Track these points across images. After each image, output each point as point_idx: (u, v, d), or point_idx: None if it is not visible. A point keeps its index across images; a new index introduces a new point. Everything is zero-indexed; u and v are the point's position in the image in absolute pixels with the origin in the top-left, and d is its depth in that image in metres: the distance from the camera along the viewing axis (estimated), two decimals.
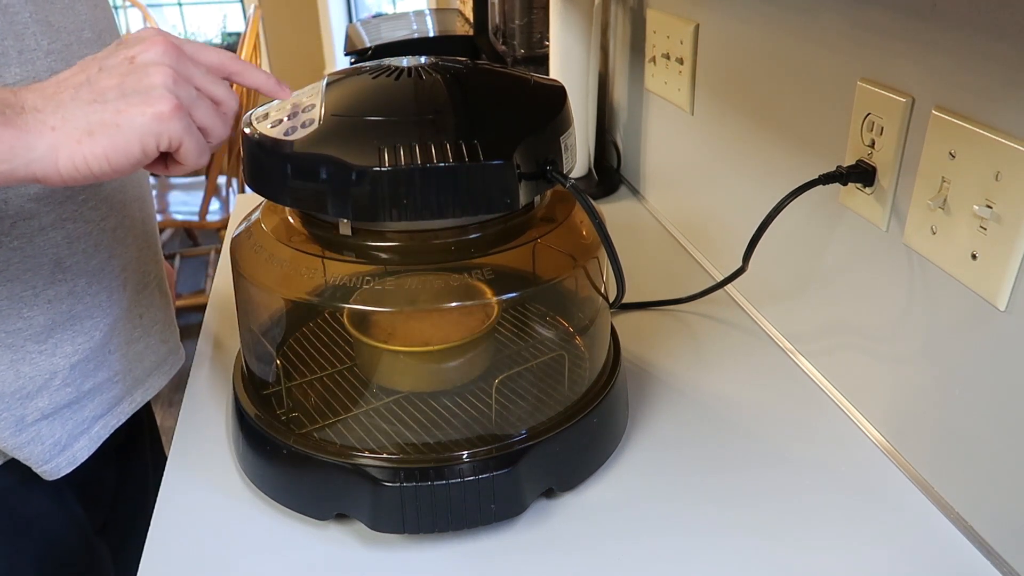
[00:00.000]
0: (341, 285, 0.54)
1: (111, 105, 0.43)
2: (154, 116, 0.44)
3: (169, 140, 0.45)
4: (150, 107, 0.43)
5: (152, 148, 0.44)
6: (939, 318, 0.55)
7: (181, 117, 0.44)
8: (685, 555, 0.53)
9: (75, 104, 0.43)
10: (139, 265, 0.67)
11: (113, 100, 0.43)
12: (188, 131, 0.45)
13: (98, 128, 0.43)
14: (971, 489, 0.54)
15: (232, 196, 2.58)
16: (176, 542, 0.55)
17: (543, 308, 0.67)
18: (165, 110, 0.44)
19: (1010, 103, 0.46)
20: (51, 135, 0.43)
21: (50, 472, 0.61)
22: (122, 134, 0.43)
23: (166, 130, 0.44)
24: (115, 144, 0.43)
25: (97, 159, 0.43)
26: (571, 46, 1.01)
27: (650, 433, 0.64)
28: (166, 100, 0.44)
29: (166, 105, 0.44)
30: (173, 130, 0.44)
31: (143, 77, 0.44)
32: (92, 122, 0.43)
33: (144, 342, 0.69)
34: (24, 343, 0.58)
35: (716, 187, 0.86)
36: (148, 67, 0.44)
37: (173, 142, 0.45)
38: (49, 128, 0.43)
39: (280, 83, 0.53)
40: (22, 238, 0.56)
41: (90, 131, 0.43)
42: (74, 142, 0.43)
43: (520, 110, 0.54)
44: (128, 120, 0.43)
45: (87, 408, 0.63)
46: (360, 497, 0.53)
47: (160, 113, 0.44)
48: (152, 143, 0.44)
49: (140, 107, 0.43)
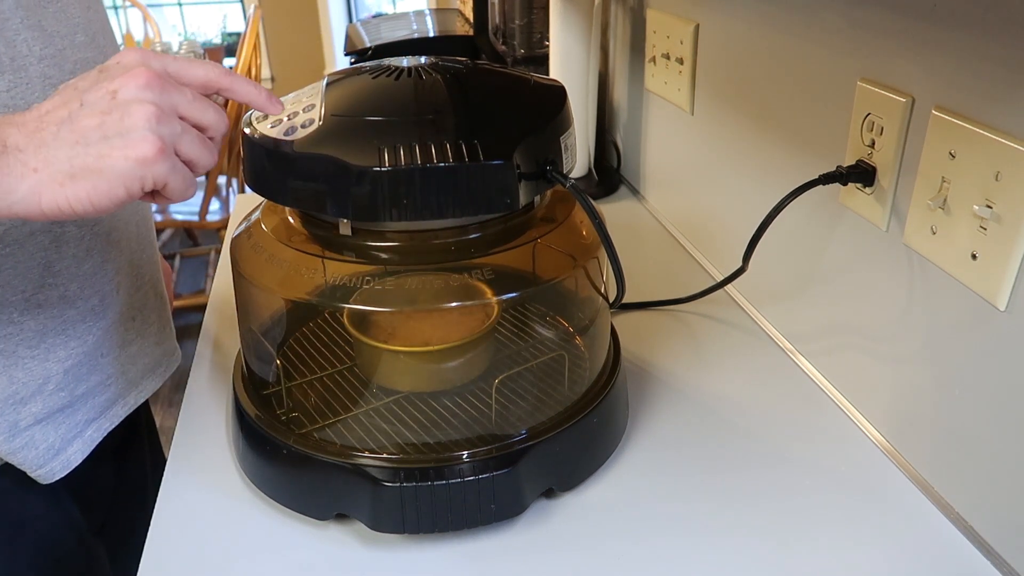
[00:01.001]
0: (341, 285, 0.54)
1: (93, 149, 0.42)
2: (137, 160, 0.42)
3: (154, 182, 0.44)
4: (133, 150, 0.42)
5: (136, 190, 0.43)
6: (939, 318, 0.55)
7: (165, 159, 0.43)
8: (685, 555, 0.53)
9: (57, 144, 0.42)
10: (133, 268, 0.67)
11: (95, 143, 0.42)
12: (172, 171, 0.44)
13: (80, 172, 0.42)
14: (971, 489, 0.54)
15: (232, 196, 2.58)
16: (176, 542, 0.55)
17: (543, 308, 0.67)
18: (148, 154, 0.42)
19: (1010, 103, 0.46)
20: (33, 177, 0.42)
21: (45, 476, 0.61)
22: (104, 179, 0.42)
23: (150, 173, 0.43)
24: (97, 188, 0.42)
25: (80, 202, 0.42)
26: (571, 46, 1.01)
27: (650, 433, 0.64)
28: (149, 143, 0.42)
29: (150, 148, 0.42)
30: (157, 172, 0.43)
31: (124, 117, 0.42)
32: (75, 166, 0.42)
33: (138, 345, 0.68)
34: (16, 348, 0.58)
35: (716, 187, 0.86)
36: (130, 105, 0.43)
37: (158, 183, 0.44)
38: (31, 170, 0.42)
39: (271, 97, 0.51)
40: (13, 244, 0.56)
41: (72, 175, 0.42)
42: (57, 185, 0.42)
43: (520, 110, 0.54)
44: (110, 166, 0.42)
45: (80, 412, 0.63)
46: (360, 497, 0.53)
47: (143, 158, 0.42)
48: (136, 186, 0.43)
49: (123, 151, 0.42)
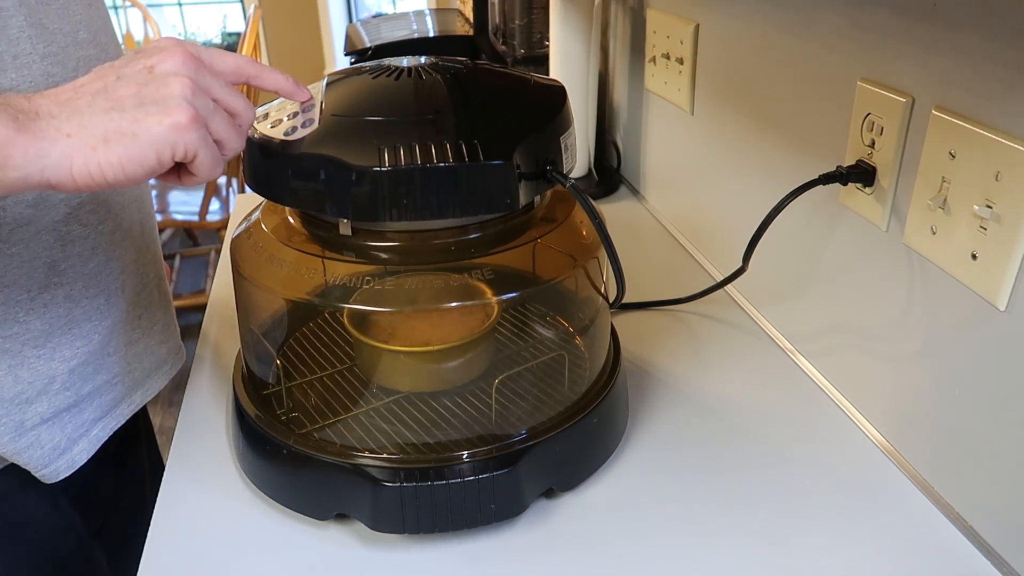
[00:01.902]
0: (341, 285, 0.54)
1: (128, 114, 0.43)
2: (171, 126, 0.43)
3: (185, 150, 0.44)
4: (168, 117, 0.43)
5: (167, 158, 0.44)
6: (939, 318, 0.55)
7: (198, 128, 0.44)
8: (685, 555, 0.53)
9: (91, 111, 0.43)
10: (138, 267, 0.67)
11: (131, 109, 0.43)
12: (204, 142, 0.45)
13: (114, 136, 0.43)
14: (971, 489, 0.54)
15: (232, 196, 2.58)
16: (176, 542, 0.55)
17: (543, 308, 0.67)
18: (183, 120, 0.43)
19: (1010, 103, 0.46)
20: (65, 142, 0.42)
21: (49, 476, 0.61)
22: (138, 143, 0.43)
23: (182, 140, 0.44)
24: (130, 153, 0.43)
25: (112, 167, 0.43)
26: (571, 46, 1.01)
27: (650, 433, 0.64)
28: (184, 110, 0.43)
29: (184, 115, 0.43)
30: (189, 141, 0.44)
31: (161, 87, 0.44)
32: (108, 130, 0.43)
33: (143, 344, 0.68)
34: (22, 348, 0.58)
35: (716, 187, 0.86)
36: (167, 77, 0.44)
37: (189, 153, 0.45)
38: (64, 135, 0.42)
39: (298, 84, 0.53)
40: (19, 244, 0.56)
41: (106, 139, 0.42)
42: (89, 149, 0.42)
43: (520, 110, 0.54)
44: (145, 129, 0.43)
45: (86, 411, 0.63)
46: (360, 497, 0.53)
47: (177, 123, 0.43)
48: (168, 153, 0.44)
49: (157, 116, 0.43)
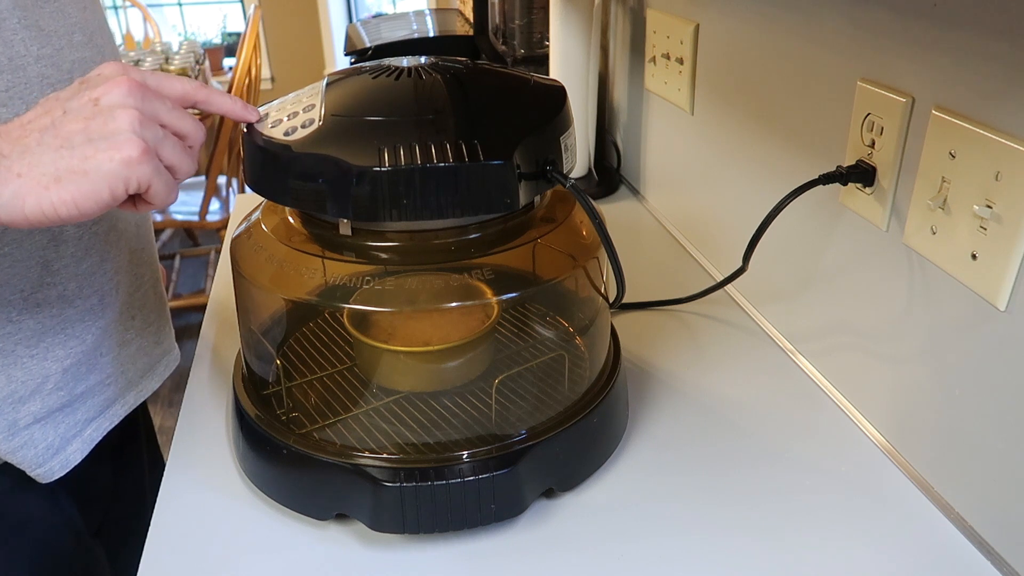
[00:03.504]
0: (341, 285, 0.54)
1: (78, 151, 0.43)
2: (122, 161, 0.43)
3: (138, 183, 0.44)
4: (118, 152, 0.43)
5: (121, 192, 0.44)
6: (939, 318, 0.55)
7: (149, 160, 0.44)
8: (685, 555, 0.53)
9: (41, 149, 0.43)
10: (132, 268, 0.67)
11: (80, 145, 0.43)
12: (156, 172, 0.45)
13: (66, 174, 0.43)
14: (971, 489, 0.54)
15: (232, 196, 2.58)
16: (176, 542, 0.55)
17: (543, 308, 0.67)
18: (134, 155, 0.43)
19: (1010, 103, 0.46)
20: (17, 181, 0.42)
21: (44, 475, 0.61)
22: (90, 180, 0.43)
23: (134, 174, 0.44)
24: (83, 190, 0.43)
25: (65, 204, 0.43)
26: (571, 46, 1.01)
27: (650, 433, 0.64)
28: (133, 144, 0.44)
29: (134, 149, 0.43)
30: (142, 174, 0.44)
31: (109, 121, 0.44)
32: (60, 168, 0.43)
33: (137, 344, 0.68)
34: (15, 348, 0.58)
35: (716, 187, 0.86)
36: (114, 110, 0.44)
37: (142, 185, 0.45)
38: (15, 175, 0.42)
39: (247, 105, 0.52)
40: (12, 243, 0.56)
41: (58, 177, 0.43)
42: (42, 188, 0.42)
43: (520, 110, 0.54)
44: (96, 166, 0.43)
45: (80, 411, 0.63)
46: (360, 497, 0.53)
47: (128, 159, 0.43)
48: (121, 188, 0.44)
49: (108, 152, 0.43)
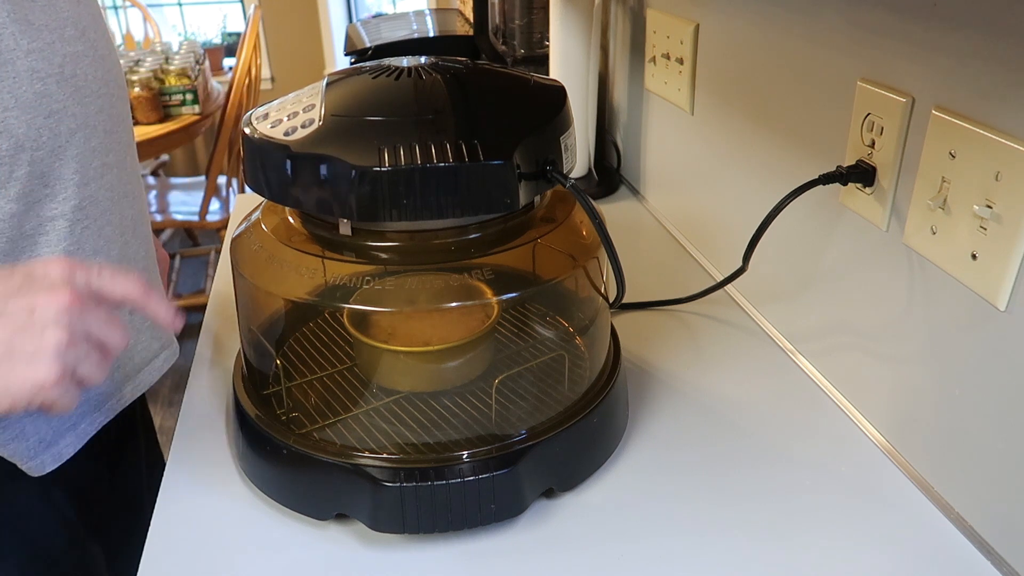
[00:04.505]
0: (341, 285, 0.54)
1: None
2: (34, 386, 0.44)
3: (41, 404, 0.45)
4: (33, 376, 0.44)
5: (21, 408, 0.45)
6: (939, 318, 0.55)
7: (60, 385, 0.45)
8: (685, 555, 0.53)
9: None
10: (127, 263, 0.67)
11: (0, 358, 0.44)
12: (63, 394, 0.46)
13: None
14: (971, 489, 0.54)
15: (232, 196, 2.58)
16: (176, 542, 0.55)
17: (543, 308, 0.67)
18: (48, 381, 0.44)
19: (1010, 103, 0.46)
20: None
21: (35, 468, 0.61)
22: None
23: (40, 397, 0.45)
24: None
25: None
26: (571, 46, 1.01)
27: (650, 433, 0.64)
28: (51, 369, 0.44)
29: (50, 375, 0.44)
30: (47, 396, 0.45)
31: (35, 338, 0.44)
32: None
33: (133, 339, 0.68)
34: None
35: (716, 187, 0.86)
36: (45, 328, 0.44)
37: (45, 405, 0.46)
38: None
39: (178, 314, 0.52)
40: (1, 237, 0.56)
41: None
42: None
43: (520, 110, 0.54)
44: (6, 385, 0.44)
45: None
46: (360, 497, 0.53)
47: (41, 384, 0.44)
48: (22, 406, 0.45)
49: (23, 373, 0.44)
